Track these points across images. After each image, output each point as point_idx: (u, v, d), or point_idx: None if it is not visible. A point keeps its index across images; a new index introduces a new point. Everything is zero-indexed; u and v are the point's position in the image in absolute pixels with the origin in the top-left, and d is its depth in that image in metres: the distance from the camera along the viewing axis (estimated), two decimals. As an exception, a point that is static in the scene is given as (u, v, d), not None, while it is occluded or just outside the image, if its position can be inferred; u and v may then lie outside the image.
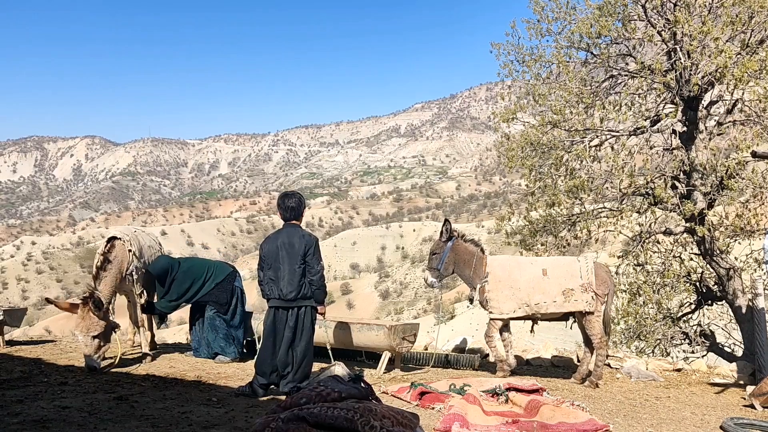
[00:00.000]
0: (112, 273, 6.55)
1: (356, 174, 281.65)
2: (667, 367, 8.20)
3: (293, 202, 5.75)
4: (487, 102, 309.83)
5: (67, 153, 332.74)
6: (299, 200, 5.81)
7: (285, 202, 5.76)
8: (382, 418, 2.85)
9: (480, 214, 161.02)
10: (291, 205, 5.74)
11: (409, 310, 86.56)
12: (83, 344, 6.06)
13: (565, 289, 6.85)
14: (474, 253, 7.14)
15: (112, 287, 6.50)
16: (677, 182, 8.73)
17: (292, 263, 5.53)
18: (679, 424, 5.41)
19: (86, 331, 6.02)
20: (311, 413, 2.80)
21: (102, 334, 6.13)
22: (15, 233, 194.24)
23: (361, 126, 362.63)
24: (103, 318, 6.13)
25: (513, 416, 4.96)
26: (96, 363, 6.10)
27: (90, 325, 6.03)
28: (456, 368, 7.95)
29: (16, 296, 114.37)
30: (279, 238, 5.65)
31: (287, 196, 5.81)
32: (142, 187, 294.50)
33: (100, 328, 6.09)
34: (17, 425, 4.11)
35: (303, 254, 5.55)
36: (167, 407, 4.87)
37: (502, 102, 10.12)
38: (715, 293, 9.40)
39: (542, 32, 9.33)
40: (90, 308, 6.06)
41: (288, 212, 5.74)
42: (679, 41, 8.30)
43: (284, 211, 5.76)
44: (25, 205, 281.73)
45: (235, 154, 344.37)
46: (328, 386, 3.15)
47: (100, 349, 6.17)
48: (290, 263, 5.53)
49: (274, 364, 5.56)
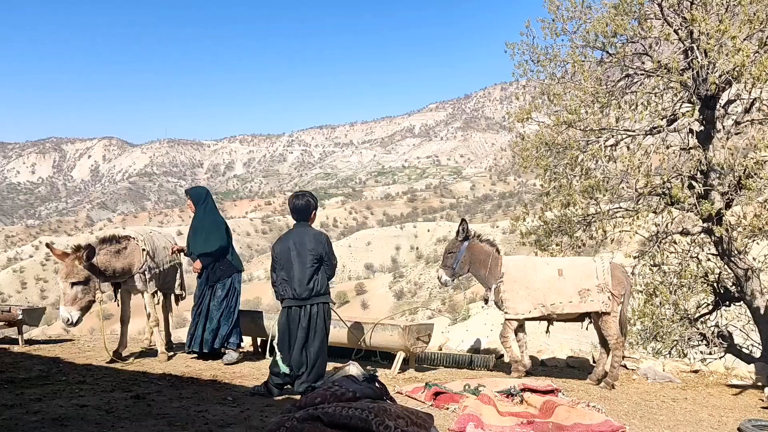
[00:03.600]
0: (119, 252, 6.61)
1: (370, 174, 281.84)
2: (684, 369, 8.13)
3: (302, 203, 5.75)
4: (501, 102, 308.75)
5: (85, 154, 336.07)
6: (308, 200, 5.80)
7: (294, 203, 5.78)
8: (397, 418, 2.85)
9: (495, 215, 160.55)
10: (300, 205, 5.75)
11: (424, 311, 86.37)
12: (62, 291, 6.12)
13: (581, 290, 6.80)
14: (490, 253, 7.13)
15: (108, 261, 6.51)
16: (694, 182, 8.64)
17: (304, 263, 5.55)
18: (696, 426, 5.36)
19: (65, 277, 6.09)
20: (326, 413, 2.81)
21: (82, 283, 6.14)
22: (34, 233, 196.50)
23: (376, 126, 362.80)
24: (88, 269, 6.17)
25: (528, 417, 4.94)
26: (69, 314, 6.11)
27: (71, 272, 6.09)
28: (471, 369, 7.93)
29: (34, 296, 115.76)
30: (290, 238, 5.67)
31: (297, 197, 5.82)
32: (159, 188, 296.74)
33: (81, 277, 6.13)
34: (36, 423, 4.16)
35: (316, 253, 5.57)
36: (183, 406, 4.91)
37: (516, 102, 10.10)
38: (733, 294, 9.30)
39: (557, 31, 9.27)
40: (78, 256, 6.11)
41: (297, 213, 5.76)
42: (696, 40, 8.22)
43: (294, 212, 5.78)
44: (44, 205, 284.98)
45: (250, 154, 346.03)
46: (342, 386, 3.17)
47: (76, 301, 6.16)
48: (302, 263, 5.55)
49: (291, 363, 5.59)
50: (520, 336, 7.18)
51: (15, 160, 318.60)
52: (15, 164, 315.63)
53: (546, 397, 5.34)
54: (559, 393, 5.75)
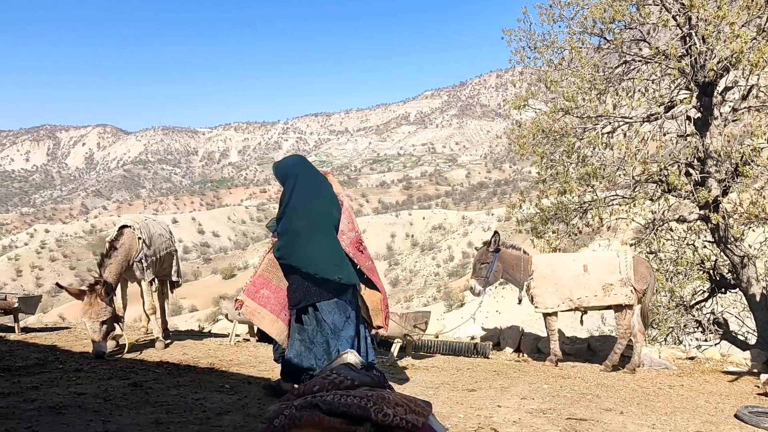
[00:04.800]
0: (118, 260, 6.58)
1: (366, 162, 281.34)
2: (680, 356, 8.17)
3: None
4: (497, 89, 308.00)
5: (79, 141, 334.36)
6: None
7: None
8: (395, 406, 2.84)
9: (490, 202, 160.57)
10: None
11: (419, 298, 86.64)
12: (91, 330, 6.11)
13: (605, 284, 7.29)
14: (520, 257, 7.62)
15: (117, 274, 6.53)
16: (691, 169, 8.65)
17: None
18: (693, 413, 5.38)
19: (95, 317, 6.08)
20: (324, 401, 2.80)
21: (109, 320, 6.20)
22: (28, 221, 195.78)
23: (371, 114, 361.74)
24: (109, 304, 6.19)
25: None
26: (104, 349, 6.19)
27: (99, 311, 6.09)
28: (467, 356, 7.96)
29: (30, 284, 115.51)
30: None
31: None
32: (153, 176, 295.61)
33: (108, 313, 6.15)
34: (33, 411, 4.14)
35: None
36: (181, 394, 4.90)
37: (513, 89, 10.06)
38: (729, 281, 9.33)
39: (554, 18, 9.24)
40: (98, 294, 6.11)
41: None
42: (694, 26, 8.19)
43: None
44: (38, 193, 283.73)
45: (245, 142, 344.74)
46: (341, 374, 3.15)
47: (108, 335, 6.25)
48: None
49: None
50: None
51: (9, 148, 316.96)
52: (9, 152, 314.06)
53: None
54: None
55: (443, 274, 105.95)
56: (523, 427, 4.53)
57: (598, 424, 4.76)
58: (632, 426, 4.79)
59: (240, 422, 4.17)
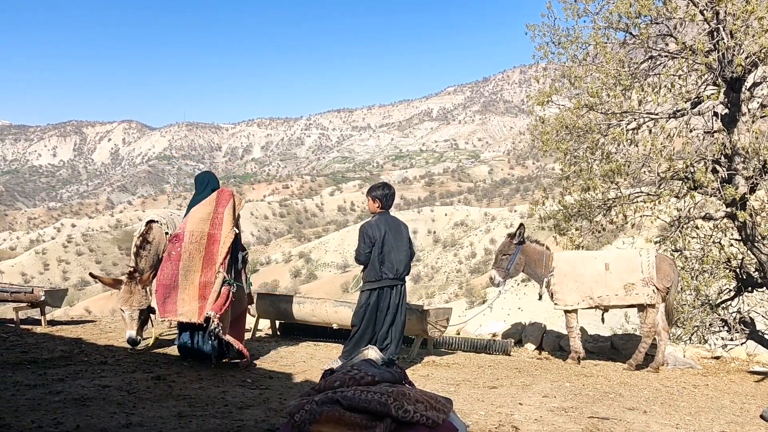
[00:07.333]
0: (151, 253, 6.67)
1: (388, 158, 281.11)
2: (705, 355, 8.05)
3: (392, 192, 6.31)
4: (520, 85, 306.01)
5: (105, 137, 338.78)
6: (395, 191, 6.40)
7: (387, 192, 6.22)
8: (416, 403, 2.84)
9: (513, 199, 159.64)
10: (391, 194, 6.27)
11: (441, 295, 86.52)
12: (129, 318, 6.19)
13: (627, 284, 7.18)
14: (543, 252, 7.57)
15: (151, 267, 6.62)
16: (718, 166, 8.50)
17: (402, 246, 6.09)
18: (718, 413, 5.31)
19: (136, 305, 6.17)
20: (345, 396, 2.80)
21: (145, 310, 6.30)
22: (55, 216, 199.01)
23: (393, 110, 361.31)
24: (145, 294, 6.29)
25: None
26: (139, 337, 6.26)
27: (140, 300, 6.19)
28: (489, 353, 7.93)
29: (57, 277, 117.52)
30: (385, 224, 6.10)
31: (387, 186, 6.32)
32: (177, 171, 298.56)
33: (147, 302, 6.25)
34: (58, 403, 4.22)
35: (407, 238, 6.19)
36: (203, 387, 4.95)
37: (536, 85, 9.95)
38: (756, 280, 9.17)
39: (579, 12, 9.10)
40: (141, 281, 6.22)
41: (388, 200, 6.22)
42: (722, 20, 8.04)
43: (385, 199, 6.19)
44: (65, 188, 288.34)
45: (268, 138, 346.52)
46: (361, 370, 3.15)
47: (143, 325, 6.34)
48: (401, 246, 6.08)
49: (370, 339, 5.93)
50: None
51: (36, 143, 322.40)
52: (37, 147, 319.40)
53: None
54: None
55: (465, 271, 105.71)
56: (545, 425, 4.50)
57: (621, 423, 4.72)
58: (655, 425, 4.73)
59: (261, 416, 4.20)
